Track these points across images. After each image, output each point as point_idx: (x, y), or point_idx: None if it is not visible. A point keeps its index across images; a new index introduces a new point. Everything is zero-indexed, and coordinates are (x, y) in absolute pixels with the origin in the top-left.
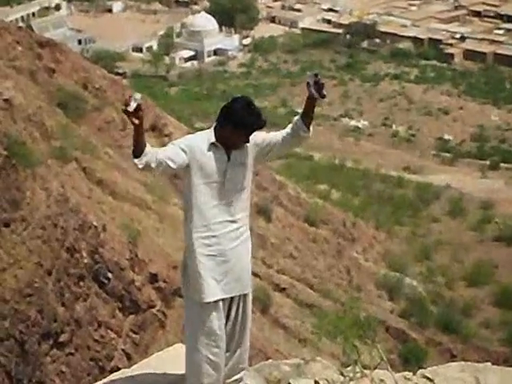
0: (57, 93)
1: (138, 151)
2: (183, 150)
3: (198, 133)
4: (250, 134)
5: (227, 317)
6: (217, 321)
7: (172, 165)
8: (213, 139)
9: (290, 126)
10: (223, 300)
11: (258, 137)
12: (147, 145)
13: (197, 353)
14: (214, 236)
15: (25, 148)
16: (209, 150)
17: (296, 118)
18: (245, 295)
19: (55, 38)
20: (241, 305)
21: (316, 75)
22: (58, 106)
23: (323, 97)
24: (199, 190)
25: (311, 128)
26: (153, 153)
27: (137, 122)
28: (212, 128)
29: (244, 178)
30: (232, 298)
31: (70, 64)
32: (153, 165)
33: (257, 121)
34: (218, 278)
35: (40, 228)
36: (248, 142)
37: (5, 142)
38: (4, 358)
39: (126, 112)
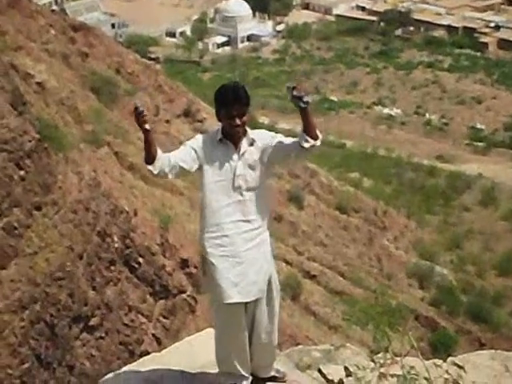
0: (90, 77)
1: (150, 158)
2: (194, 150)
3: (209, 131)
4: (233, 111)
5: (248, 317)
6: (234, 320)
7: (185, 166)
8: (220, 136)
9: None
10: (242, 305)
11: (274, 138)
12: (158, 151)
13: (219, 344)
14: (226, 236)
15: (57, 132)
16: (217, 147)
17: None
18: (266, 297)
19: (88, 22)
20: (263, 307)
21: (292, 87)
22: (90, 91)
23: (306, 103)
24: (210, 188)
25: (319, 136)
26: (165, 157)
27: (147, 127)
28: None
29: (257, 177)
30: (253, 302)
31: (103, 48)
32: (166, 169)
33: (231, 94)
34: (235, 281)
35: (71, 212)
36: (235, 123)
37: (37, 126)
38: (34, 341)
39: (138, 116)
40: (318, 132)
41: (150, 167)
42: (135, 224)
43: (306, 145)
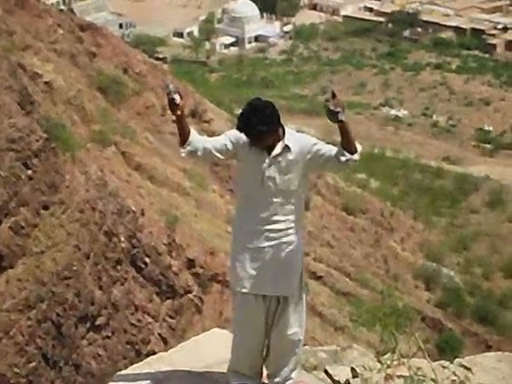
0: (97, 77)
1: (181, 139)
2: (231, 141)
3: None
4: (251, 137)
5: (266, 314)
6: (249, 312)
7: (218, 155)
8: None
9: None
10: (257, 296)
11: (314, 145)
12: (192, 133)
13: (235, 338)
14: (252, 231)
15: (64, 131)
16: (251, 144)
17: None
18: (285, 298)
19: (96, 22)
20: (278, 307)
21: (327, 100)
22: (97, 90)
23: (339, 121)
24: (243, 182)
25: (358, 150)
26: (198, 141)
27: (179, 113)
28: None
29: (289, 181)
30: (270, 298)
31: (110, 48)
32: (199, 153)
33: (245, 129)
34: (253, 273)
35: (79, 211)
36: (257, 145)
37: (44, 125)
38: (41, 340)
39: (171, 102)
40: (357, 145)
41: (180, 149)
42: (142, 224)
43: (343, 158)
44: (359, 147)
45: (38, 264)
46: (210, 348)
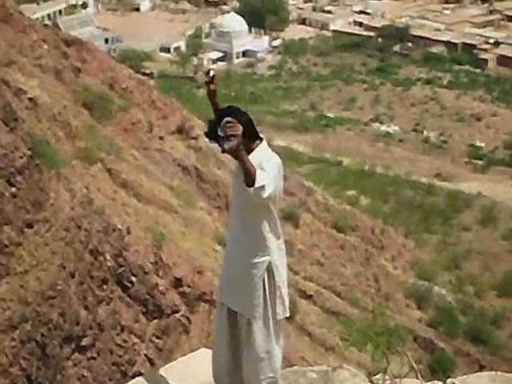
0: (82, 92)
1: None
2: None
3: None
4: (217, 144)
5: (232, 331)
6: (218, 321)
7: None
8: None
9: None
10: (229, 310)
11: (261, 170)
12: None
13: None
14: (227, 241)
15: (49, 148)
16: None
17: None
18: (249, 321)
19: (82, 37)
20: (244, 328)
21: (220, 125)
22: (83, 106)
23: (222, 149)
24: None
25: (258, 184)
26: None
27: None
28: None
29: (248, 199)
30: (240, 317)
31: (96, 63)
32: None
33: (209, 134)
34: (222, 283)
35: (63, 230)
36: (223, 151)
37: (29, 142)
38: (25, 361)
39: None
40: (257, 181)
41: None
42: (128, 242)
43: (243, 189)
44: (260, 183)
45: (21, 283)
46: (198, 368)
